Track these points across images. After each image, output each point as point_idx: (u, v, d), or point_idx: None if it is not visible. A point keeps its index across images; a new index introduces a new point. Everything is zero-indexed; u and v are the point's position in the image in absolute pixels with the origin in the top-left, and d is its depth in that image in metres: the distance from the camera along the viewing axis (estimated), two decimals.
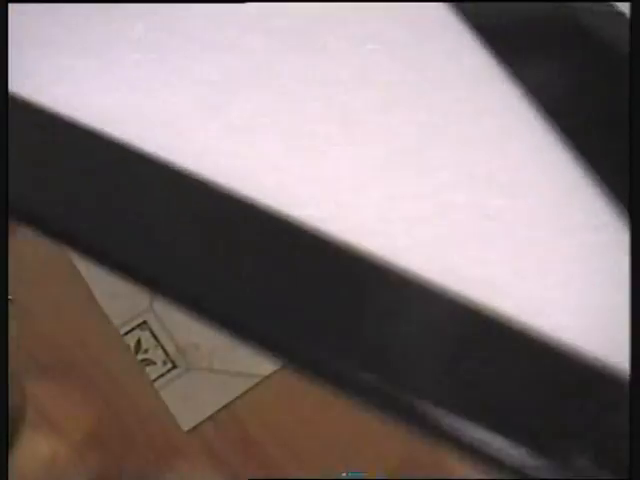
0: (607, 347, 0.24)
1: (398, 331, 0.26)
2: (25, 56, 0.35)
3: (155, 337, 0.81)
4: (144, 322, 0.82)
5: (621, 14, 0.33)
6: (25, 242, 0.37)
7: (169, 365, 0.79)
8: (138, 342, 0.81)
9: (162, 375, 0.79)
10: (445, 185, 0.30)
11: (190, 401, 0.77)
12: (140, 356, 0.80)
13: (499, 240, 0.28)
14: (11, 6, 0.34)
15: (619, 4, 0.32)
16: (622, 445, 0.22)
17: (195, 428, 0.75)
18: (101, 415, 0.75)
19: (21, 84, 0.34)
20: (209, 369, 0.79)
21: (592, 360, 0.24)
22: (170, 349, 0.80)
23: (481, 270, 0.27)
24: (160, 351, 0.80)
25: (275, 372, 0.78)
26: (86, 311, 0.81)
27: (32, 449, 0.71)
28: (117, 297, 0.80)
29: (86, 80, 0.34)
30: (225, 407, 0.77)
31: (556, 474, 0.22)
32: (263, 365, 0.79)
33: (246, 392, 0.78)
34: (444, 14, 0.37)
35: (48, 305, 0.79)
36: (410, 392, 0.24)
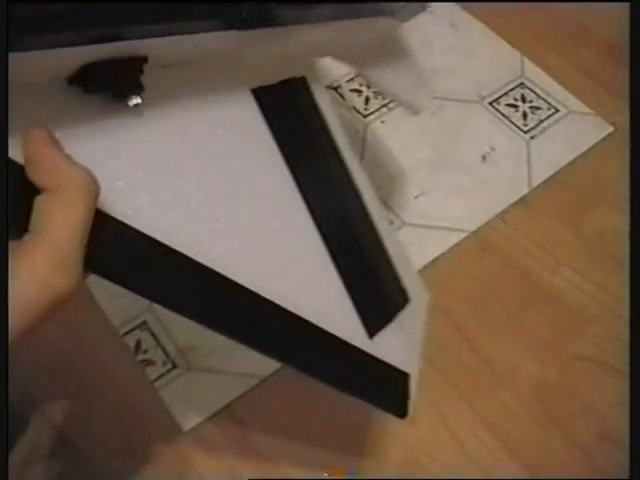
0: None
1: None
2: None
3: (155, 337, 0.81)
4: (144, 322, 0.82)
5: None
6: None
7: (169, 365, 0.79)
8: (138, 342, 0.81)
9: (162, 375, 0.79)
10: None
11: (190, 401, 0.77)
12: (140, 356, 0.80)
13: None
14: None
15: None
16: None
17: (195, 428, 0.75)
18: (100, 416, 0.75)
19: None
20: (209, 369, 0.79)
21: None
22: (170, 349, 0.80)
23: None
24: (160, 351, 0.80)
25: (275, 372, 0.78)
26: (85, 311, 0.81)
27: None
28: (117, 297, 0.80)
29: None
30: (225, 407, 0.77)
31: None
32: (263, 365, 0.79)
33: (246, 392, 0.78)
34: None
35: None
36: None
